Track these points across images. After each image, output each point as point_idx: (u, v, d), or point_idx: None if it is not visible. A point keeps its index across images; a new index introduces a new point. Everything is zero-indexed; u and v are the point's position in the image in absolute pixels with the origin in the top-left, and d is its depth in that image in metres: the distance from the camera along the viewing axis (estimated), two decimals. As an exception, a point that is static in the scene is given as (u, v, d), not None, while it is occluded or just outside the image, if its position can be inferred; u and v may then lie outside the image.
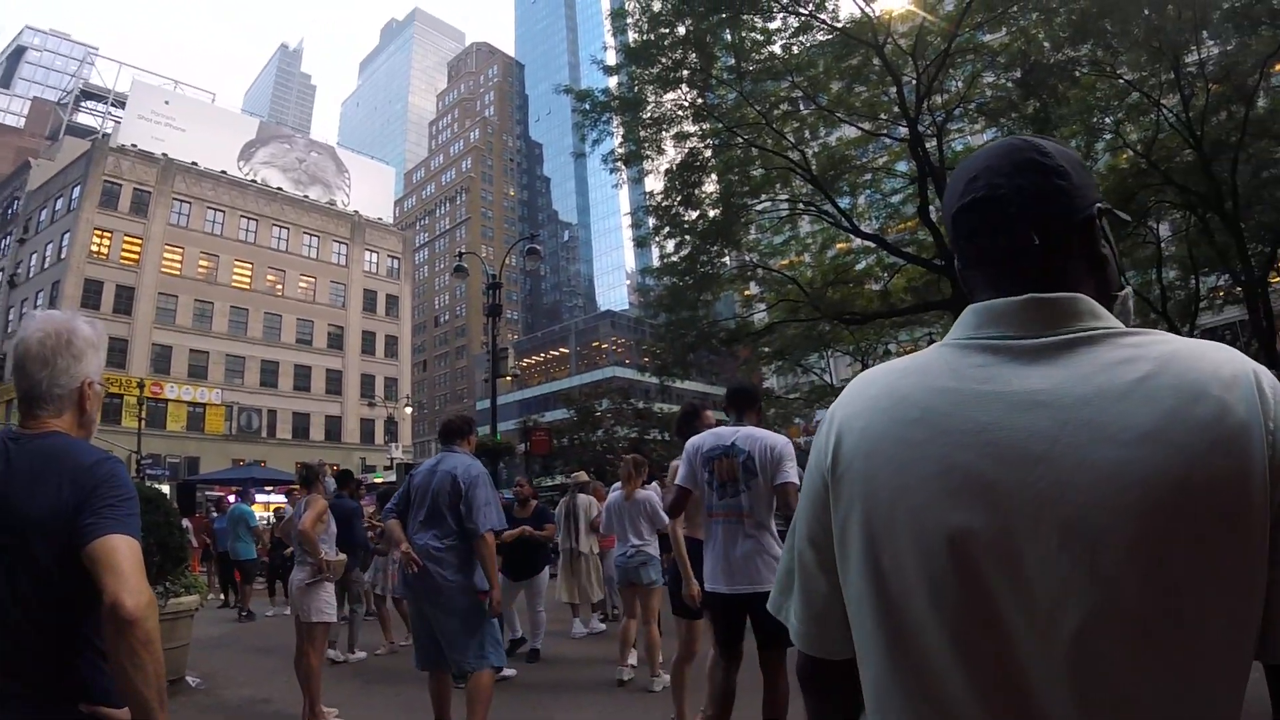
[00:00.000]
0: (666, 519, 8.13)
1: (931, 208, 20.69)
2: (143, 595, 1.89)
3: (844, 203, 23.66)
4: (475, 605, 5.56)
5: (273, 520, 20.39)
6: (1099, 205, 1.22)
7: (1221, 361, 1.03)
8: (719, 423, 5.66)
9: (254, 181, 64.33)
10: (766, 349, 28.19)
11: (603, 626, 11.17)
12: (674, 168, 22.47)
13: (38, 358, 2.13)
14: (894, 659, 1.09)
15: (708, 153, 22.70)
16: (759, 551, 4.67)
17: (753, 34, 20.56)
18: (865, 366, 35.53)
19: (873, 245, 23.70)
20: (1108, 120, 21.58)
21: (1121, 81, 20.67)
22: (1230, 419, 0.97)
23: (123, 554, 1.92)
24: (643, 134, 21.84)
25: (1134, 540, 0.95)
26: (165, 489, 26.50)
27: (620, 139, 22.61)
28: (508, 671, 8.13)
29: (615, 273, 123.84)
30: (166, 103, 63.00)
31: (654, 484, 9.02)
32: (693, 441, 5.13)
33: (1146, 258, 26.28)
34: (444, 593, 5.51)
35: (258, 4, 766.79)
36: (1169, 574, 0.95)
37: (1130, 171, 22.29)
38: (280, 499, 24.64)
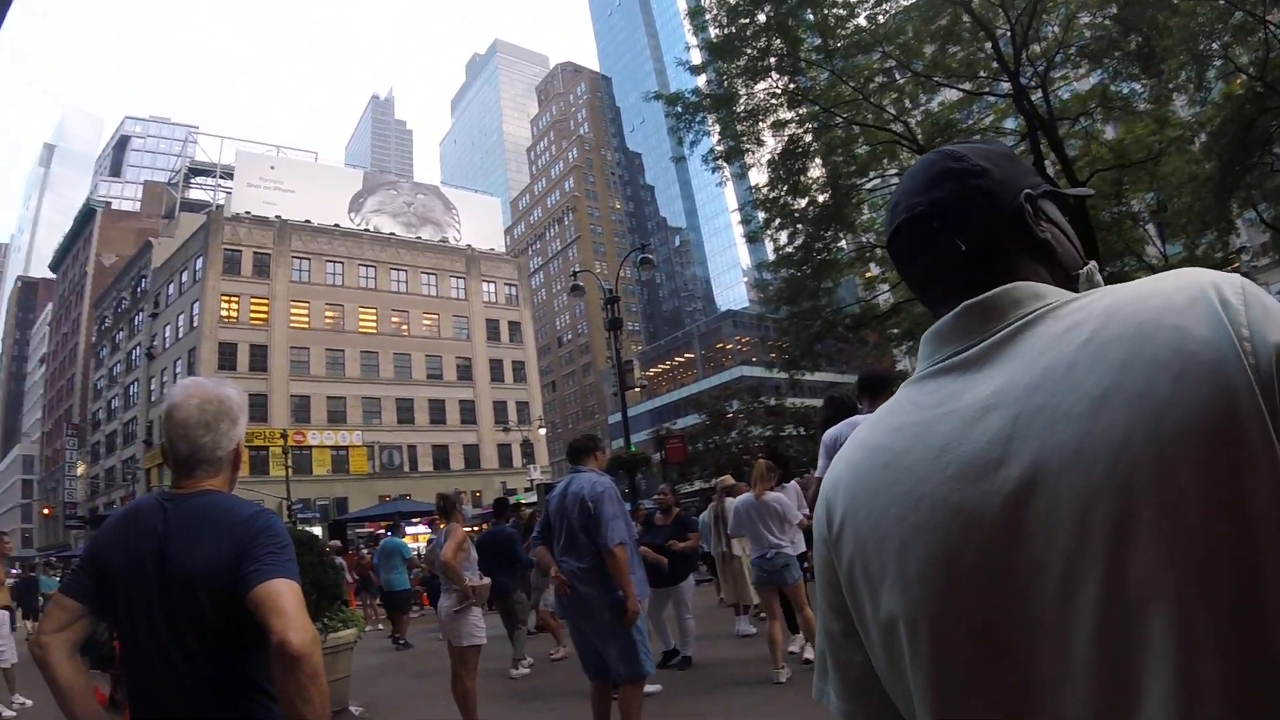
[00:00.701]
0: (798, 516, 7.97)
1: (1047, 161, 19.92)
2: (307, 632, 2.00)
3: (956, 167, 22.94)
4: (620, 617, 5.62)
5: (423, 550, 21.09)
6: (1028, 191, 1.10)
7: (1174, 290, 0.88)
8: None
9: (366, 230, 66.56)
10: (895, 330, 27.51)
11: (753, 630, 10.99)
12: (775, 158, 22.18)
13: (200, 423, 2.27)
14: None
15: (808, 137, 22.29)
16: None
17: (835, 9, 20.21)
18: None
19: (993, 209, 22.95)
20: (1215, 45, 20.38)
21: (1222, 2, 19.51)
22: (1191, 344, 0.82)
23: (285, 595, 2.04)
24: (739, 128, 21.62)
25: (1121, 517, 0.80)
26: (317, 530, 27.26)
27: (717, 136, 22.42)
28: (650, 688, 8.07)
29: (731, 271, 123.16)
30: (272, 168, 65.87)
31: (793, 483, 8.84)
32: (830, 433, 5.15)
33: (1277, 187, 24.73)
34: (592, 608, 5.64)
35: (343, 61, 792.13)
36: (1177, 541, 0.78)
37: (1247, 97, 20.99)
38: (425, 530, 25.24)
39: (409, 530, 26.36)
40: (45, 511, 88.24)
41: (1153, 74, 20.08)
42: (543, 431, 64.05)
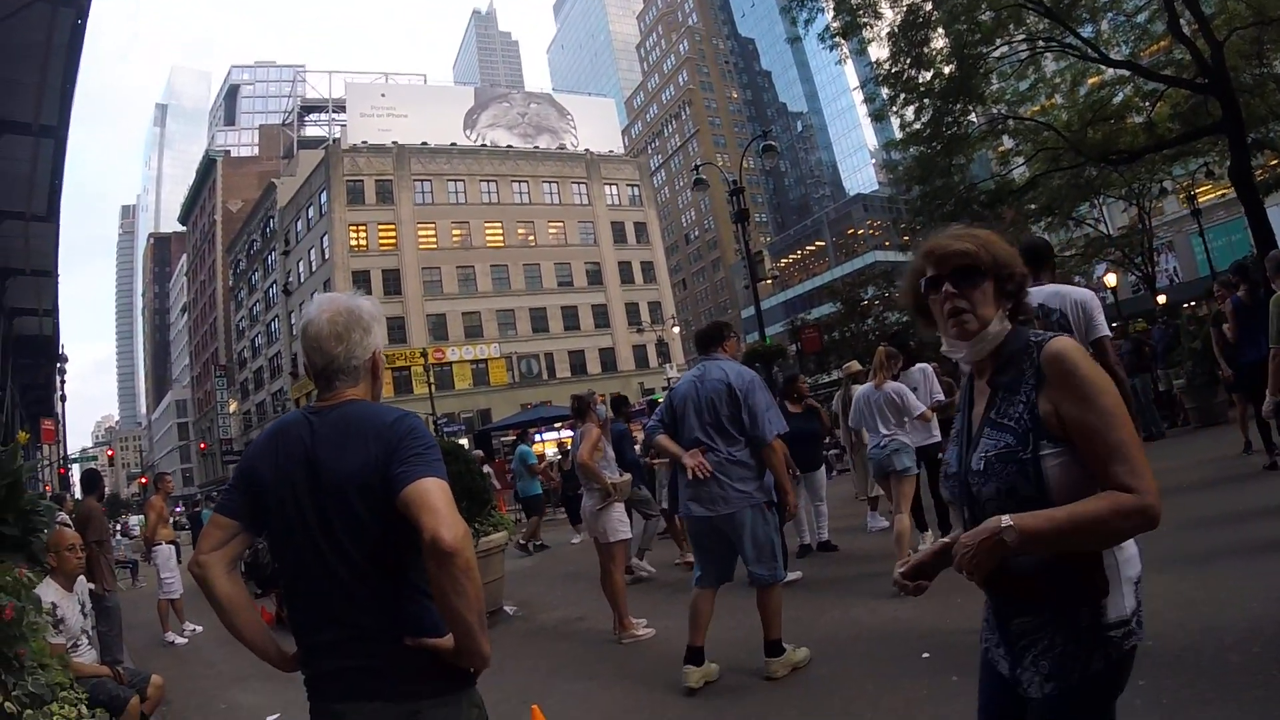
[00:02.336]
0: (920, 407, 7.86)
1: (1182, 21, 18.74)
2: (458, 528, 2.01)
3: (1087, 32, 21.76)
4: (763, 516, 5.48)
5: (558, 454, 21.55)
6: None
7: None
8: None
9: (484, 145, 67.21)
10: (1033, 205, 26.68)
11: (885, 524, 11.04)
12: (896, 30, 21.47)
13: (331, 335, 2.32)
14: None
15: (928, 5, 21.47)
16: None
17: None
18: (1142, 209, 32.92)
19: (1127, 74, 21.80)
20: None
21: None
22: None
23: (435, 494, 2.06)
24: (855, 1, 20.92)
25: None
26: (464, 441, 28.12)
27: (833, 12, 21.76)
28: (792, 575, 8.23)
29: (858, 154, 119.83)
30: (383, 95, 66.72)
31: (921, 367, 8.78)
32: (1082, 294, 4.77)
33: None
34: (733, 505, 5.44)
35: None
36: None
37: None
38: (569, 434, 25.93)
39: (548, 436, 27.00)
40: (201, 446, 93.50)
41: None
42: (677, 330, 64.53)
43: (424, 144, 63.04)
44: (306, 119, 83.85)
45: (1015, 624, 1.94)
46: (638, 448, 11.52)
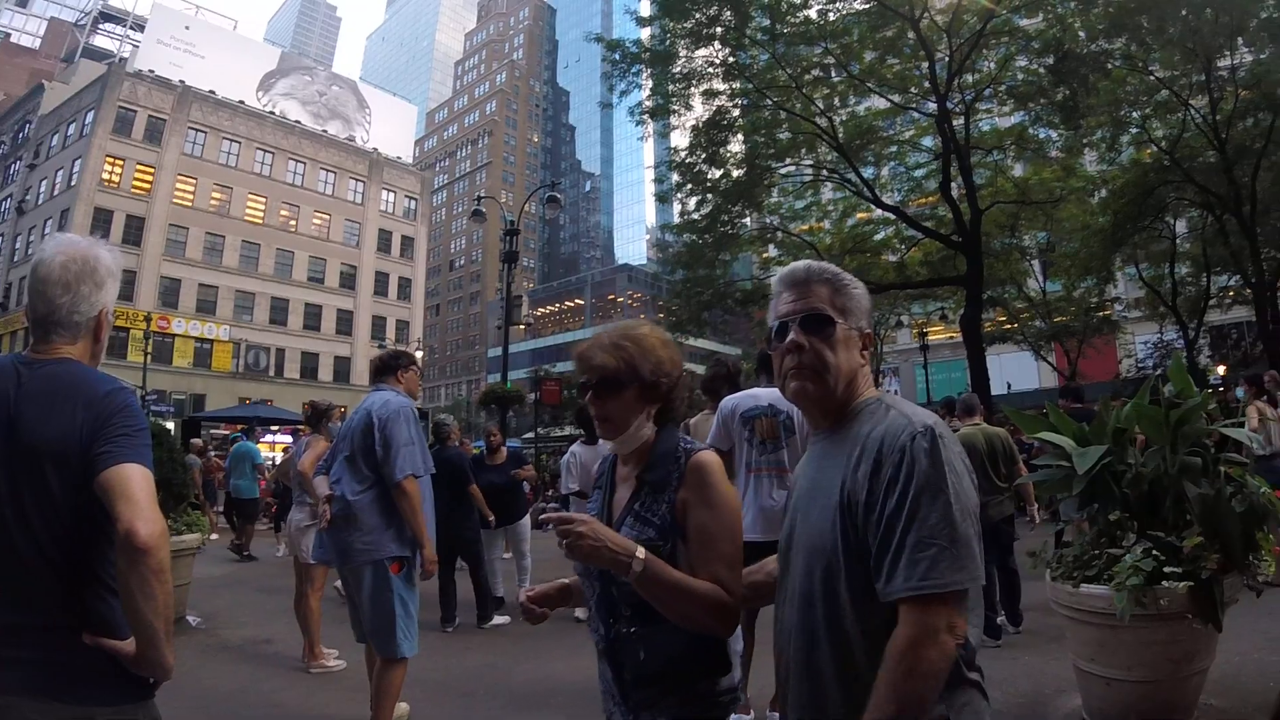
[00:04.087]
0: None
1: (954, 184, 20.74)
2: (157, 524, 1.88)
3: (868, 173, 23.74)
4: (385, 577, 4.76)
5: (278, 460, 20.44)
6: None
7: None
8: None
9: (272, 113, 62.97)
10: (783, 312, 28.30)
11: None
12: (700, 125, 22.45)
13: (60, 281, 2.11)
14: None
15: (735, 112, 22.67)
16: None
17: (791, -3, 20.48)
18: (877, 335, 35.63)
19: (892, 217, 23.77)
20: (1135, 115, 21.70)
21: (1152, 78, 20.83)
22: None
23: (137, 483, 1.92)
24: (671, 88, 21.83)
25: None
26: (170, 425, 26.53)
27: (649, 92, 22.54)
28: (499, 619, 8.35)
29: (635, 227, 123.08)
30: (187, 28, 61.49)
31: None
32: (728, 402, 5.29)
33: (1161, 252, 26.64)
34: (353, 558, 4.83)
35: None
36: None
37: (1153, 166, 22.50)
38: (287, 439, 24.49)
39: (265, 439, 25.57)
40: None
41: (1071, 126, 21.06)
42: (419, 354, 62.68)
43: (211, 92, 58.59)
44: (101, 26, 77.34)
45: (636, 695, 2.09)
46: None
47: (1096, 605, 4.58)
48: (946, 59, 20.13)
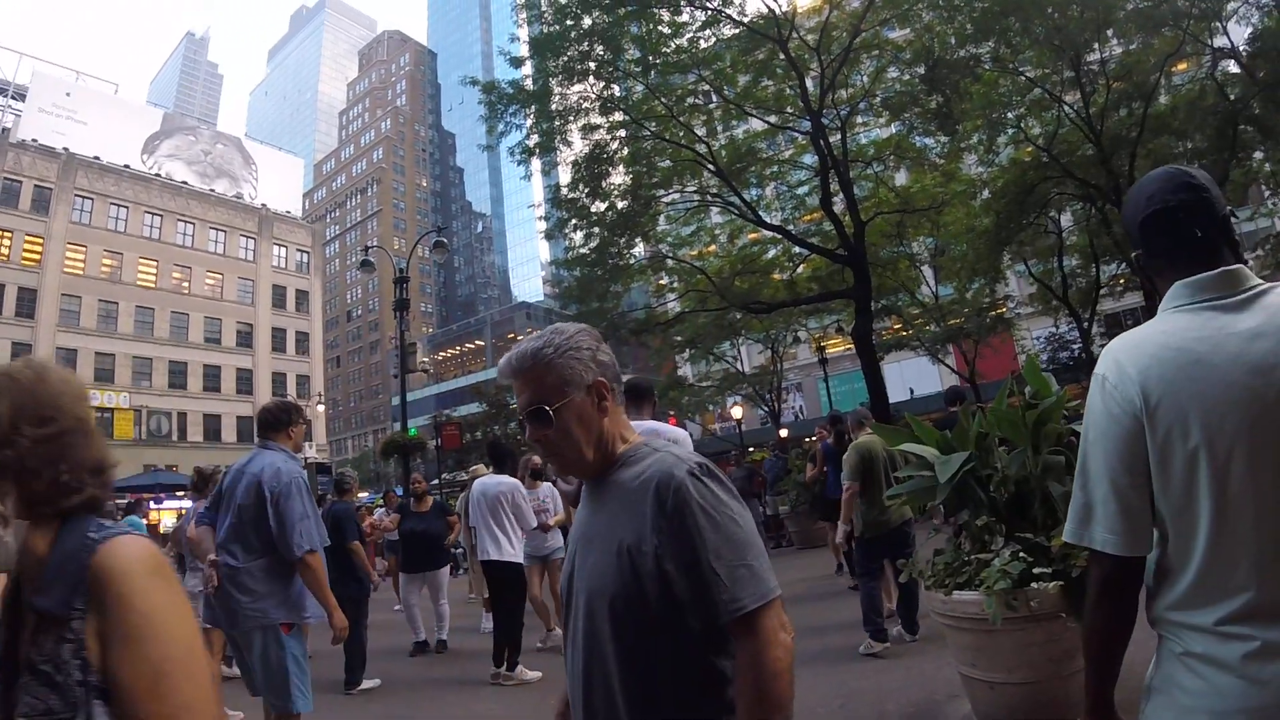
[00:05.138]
0: (531, 518, 8.17)
1: (835, 199, 21.08)
2: None
3: (752, 194, 24.00)
4: (276, 638, 4.68)
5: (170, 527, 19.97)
6: (1230, 209, 1.80)
7: None
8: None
9: (158, 176, 62.15)
10: (679, 338, 28.47)
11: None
12: (581, 159, 22.48)
13: None
14: (1218, 521, 1.60)
15: (615, 145, 22.71)
16: None
17: (660, 27, 20.65)
18: (775, 353, 36.14)
19: (780, 236, 24.03)
20: (1010, 115, 22.18)
21: (1023, 78, 21.30)
22: None
23: None
24: (548, 126, 21.80)
25: None
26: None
27: (529, 130, 22.54)
28: (368, 683, 8.19)
29: (530, 264, 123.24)
30: (68, 95, 60.49)
31: (550, 486, 9.17)
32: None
33: (1048, 246, 27.51)
34: (242, 624, 4.71)
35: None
36: None
37: (1032, 164, 23.05)
38: (189, 504, 23.86)
39: (168, 504, 24.89)
40: None
41: (948, 132, 21.59)
42: (321, 409, 61.95)
43: (96, 158, 57.60)
44: (-20, 98, 74.92)
45: None
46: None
47: (969, 611, 4.67)
48: (819, 76, 20.47)
